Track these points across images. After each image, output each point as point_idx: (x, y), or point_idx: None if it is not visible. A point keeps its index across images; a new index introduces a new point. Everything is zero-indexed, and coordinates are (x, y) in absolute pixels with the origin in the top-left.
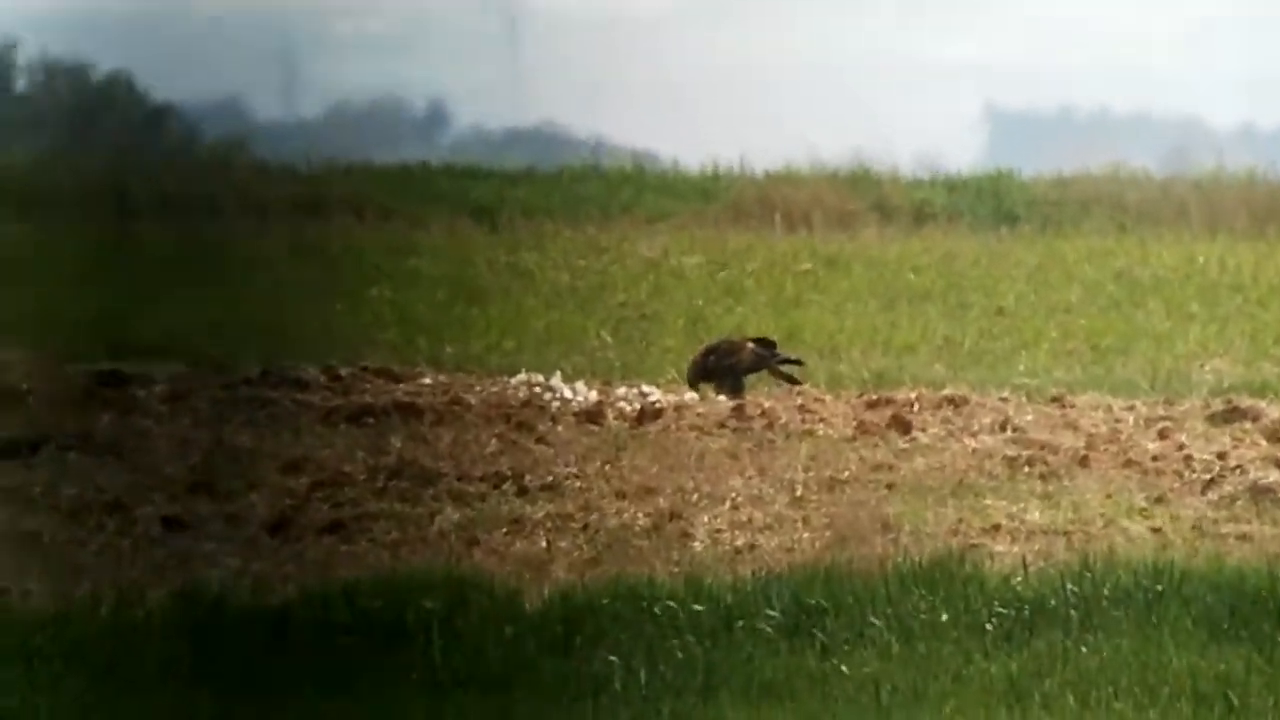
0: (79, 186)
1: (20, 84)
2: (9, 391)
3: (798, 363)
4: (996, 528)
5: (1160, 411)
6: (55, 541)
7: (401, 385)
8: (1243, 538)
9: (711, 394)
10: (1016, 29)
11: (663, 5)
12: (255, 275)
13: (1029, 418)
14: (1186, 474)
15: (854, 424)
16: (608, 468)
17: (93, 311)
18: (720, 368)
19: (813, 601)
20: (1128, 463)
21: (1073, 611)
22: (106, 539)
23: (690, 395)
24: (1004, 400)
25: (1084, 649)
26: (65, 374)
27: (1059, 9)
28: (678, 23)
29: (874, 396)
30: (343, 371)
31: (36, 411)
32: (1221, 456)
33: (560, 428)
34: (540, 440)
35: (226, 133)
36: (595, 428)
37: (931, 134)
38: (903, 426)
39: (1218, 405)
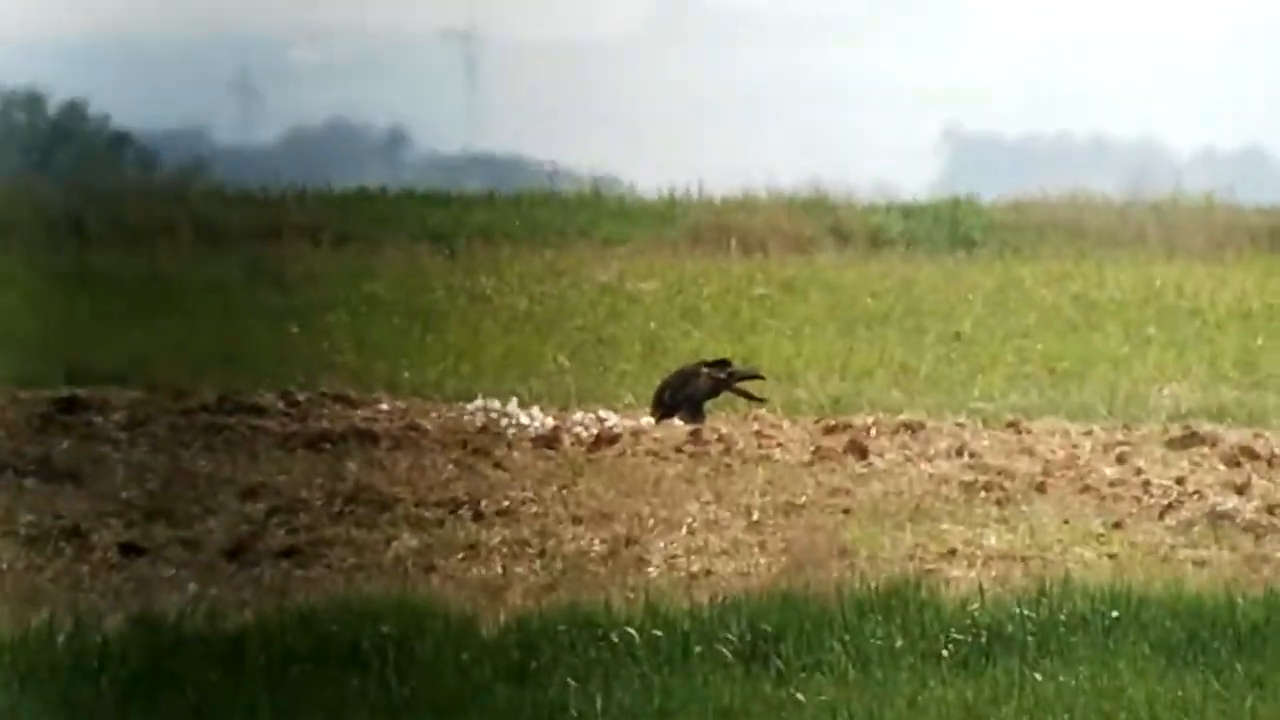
0: (36, 214)
1: None
2: None
3: (757, 376)
4: (953, 553)
5: (1118, 436)
6: (13, 567)
7: (358, 411)
8: (1200, 563)
9: (671, 419)
10: (973, 54)
11: (620, 32)
12: (212, 301)
13: (985, 443)
14: (1144, 499)
15: (811, 449)
16: (564, 493)
17: (50, 338)
18: (679, 399)
19: (769, 628)
20: (1085, 488)
21: (1029, 638)
22: (64, 565)
23: (646, 420)
24: (961, 425)
25: (1040, 675)
26: (23, 400)
27: (1016, 34)
28: (635, 50)
29: (831, 422)
30: (300, 397)
31: None
32: (1180, 482)
33: (516, 453)
34: (497, 466)
35: (184, 160)
36: (551, 453)
37: (888, 159)
38: (860, 452)
39: (1176, 430)
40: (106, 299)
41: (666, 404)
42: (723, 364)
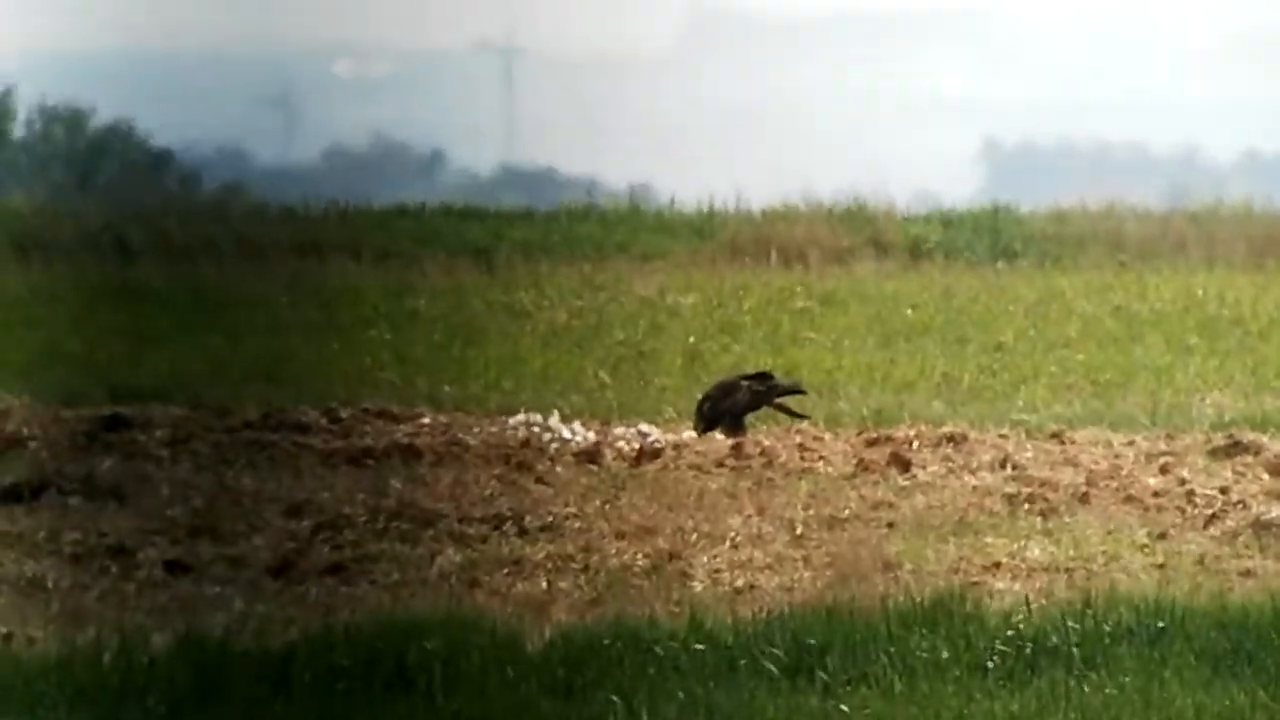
0: (79, 232)
1: (19, 130)
2: (11, 437)
3: (798, 391)
4: (997, 565)
5: (1161, 446)
6: (58, 586)
7: (401, 426)
8: (1246, 573)
9: (713, 433)
10: (1014, 64)
11: (658, 46)
12: (255, 318)
13: (1029, 454)
14: (1188, 509)
15: (853, 462)
16: (607, 508)
17: (94, 356)
18: (718, 411)
19: (814, 641)
20: (1129, 499)
21: (1075, 649)
22: (109, 583)
23: (688, 434)
24: (1003, 437)
25: (1087, 687)
26: (67, 419)
27: (1056, 44)
28: (673, 63)
29: (873, 434)
30: (343, 413)
31: (38, 456)
32: (1224, 491)
33: (559, 468)
34: (539, 481)
35: (225, 177)
36: (594, 467)
37: (929, 169)
38: (902, 464)
39: (1219, 439)
40: (149, 316)
41: (706, 416)
42: (764, 377)
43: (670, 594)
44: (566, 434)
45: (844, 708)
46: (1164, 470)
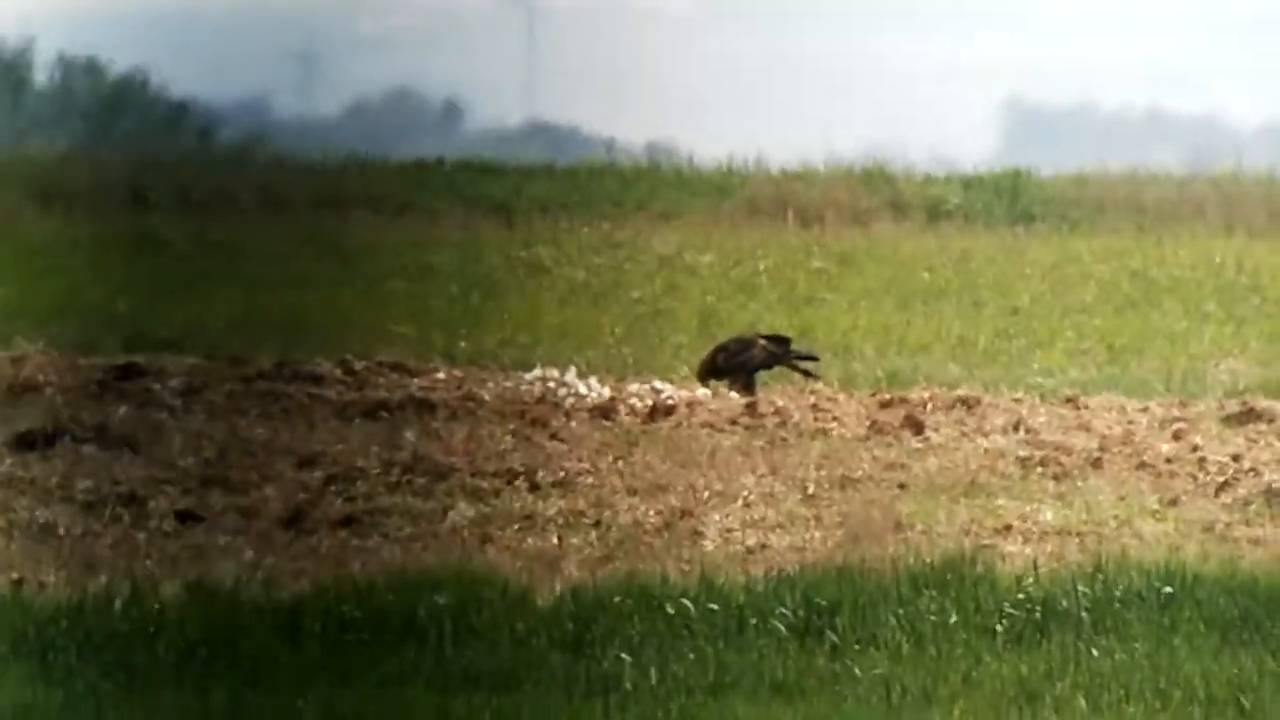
0: (98, 182)
1: (39, 81)
2: (26, 384)
3: (813, 359)
4: (1008, 528)
5: (1175, 413)
6: (70, 533)
7: (416, 380)
8: (1256, 541)
9: (724, 389)
10: (1035, 26)
11: (678, 3)
12: (271, 269)
13: (1042, 418)
14: (1200, 476)
15: (867, 423)
16: (620, 464)
17: (110, 305)
18: (731, 365)
19: (824, 601)
20: (1141, 464)
21: (1085, 613)
22: (121, 531)
23: (702, 392)
24: (1017, 401)
25: (1096, 651)
26: (82, 367)
27: (1077, 6)
28: (693, 21)
29: (887, 396)
30: (357, 366)
31: (53, 404)
32: (1236, 459)
33: (573, 424)
34: (553, 436)
35: (245, 129)
36: (608, 424)
37: (948, 131)
38: (916, 426)
39: (1233, 407)
40: (166, 266)
41: (719, 367)
42: (782, 341)
43: (681, 552)
44: (581, 390)
45: (853, 669)
46: (1177, 436)
